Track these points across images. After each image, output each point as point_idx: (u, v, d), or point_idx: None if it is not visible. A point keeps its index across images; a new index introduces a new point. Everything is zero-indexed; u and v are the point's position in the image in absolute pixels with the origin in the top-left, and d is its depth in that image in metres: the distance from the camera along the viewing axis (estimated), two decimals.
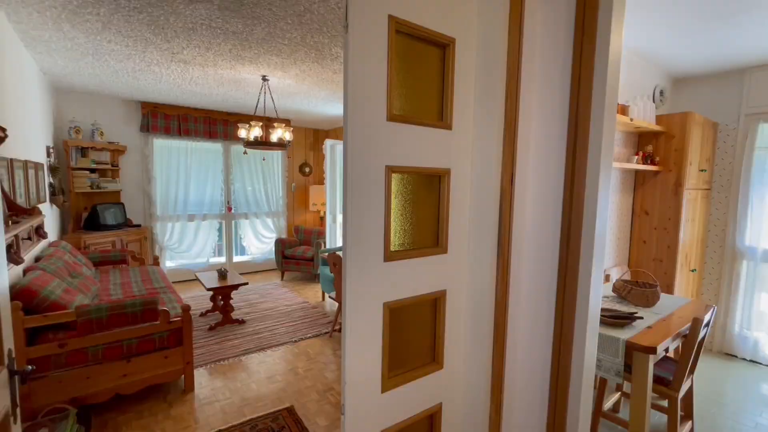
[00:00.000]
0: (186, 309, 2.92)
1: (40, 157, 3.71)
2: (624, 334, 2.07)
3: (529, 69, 1.26)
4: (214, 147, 6.04)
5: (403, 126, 1.13)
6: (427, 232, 1.28)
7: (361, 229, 1.08)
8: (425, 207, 1.27)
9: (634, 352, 2.00)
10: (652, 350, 1.93)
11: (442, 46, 1.22)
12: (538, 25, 1.25)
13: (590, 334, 1.24)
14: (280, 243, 6.03)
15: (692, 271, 3.60)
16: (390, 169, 1.11)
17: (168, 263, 5.83)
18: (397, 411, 1.23)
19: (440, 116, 1.25)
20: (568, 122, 1.23)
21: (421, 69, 1.19)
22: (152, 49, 3.27)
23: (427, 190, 1.26)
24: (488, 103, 1.26)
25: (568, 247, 1.24)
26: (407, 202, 1.22)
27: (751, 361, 3.55)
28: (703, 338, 2.27)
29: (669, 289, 3.35)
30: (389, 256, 1.15)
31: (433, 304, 1.31)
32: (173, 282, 5.83)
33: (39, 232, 2.64)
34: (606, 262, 3.34)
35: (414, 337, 1.28)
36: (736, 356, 3.63)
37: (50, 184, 3.99)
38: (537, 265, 1.30)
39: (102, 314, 2.55)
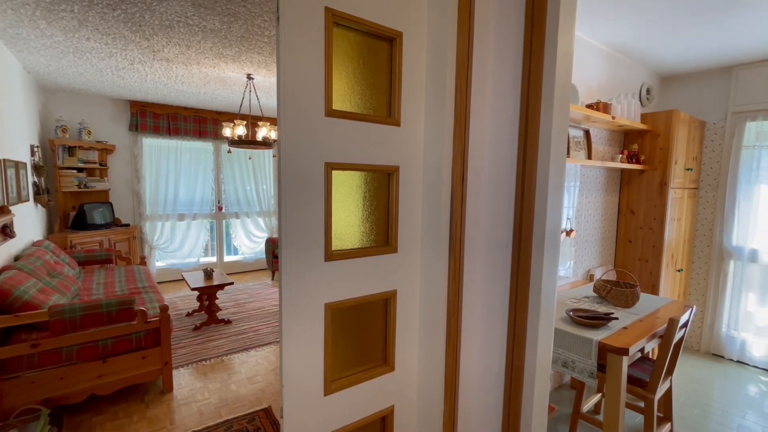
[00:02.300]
0: (164, 309, 2.90)
1: (24, 155, 3.70)
2: (598, 335, 2.03)
3: (481, 64, 1.22)
4: (204, 146, 6.02)
5: (344, 122, 1.10)
6: (376, 231, 1.24)
7: (298, 228, 1.05)
8: (373, 205, 1.23)
9: (607, 353, 1.97)
10: (624, 351, 1.90)
11: (389, 40, 1.18)
12: (491, 19, 1.21)
13: (543, 333, 1.21)
14: (271, 242, 6.00)
15: (678, 271, 3.56)
16: (330, 166, 1.08)
17: (158, 263, 5.81)
18: (343, 414, 1.20)
19: (388, 112, 1.21)
20: (519, 118, 1.20)
21: (365, 64, 1.15)
22: (132, 47, 3.24)
23: (375, 188, 1.23)
24: (439, 99, 1.22)
25: (519, 245, 1.21)
26: (352, 200, 1.18)
27: (738, 362, 3.50)
28: (681, 339, 2.24)
29: (654, 290, 3.31)
30: (331, 255, 1.11)
31: (383, 305, 1.27)
32: (163, 282, 5.81)
33: (5, 232, 2.62)
34: (590, 261, 3.30)
35: (362, 338, 1.25)
36: (723, 357, 3.58)
37: (34, 183, 3.97)
38: (491, 264, 1.27)
39: (76, 314, 2.53)
